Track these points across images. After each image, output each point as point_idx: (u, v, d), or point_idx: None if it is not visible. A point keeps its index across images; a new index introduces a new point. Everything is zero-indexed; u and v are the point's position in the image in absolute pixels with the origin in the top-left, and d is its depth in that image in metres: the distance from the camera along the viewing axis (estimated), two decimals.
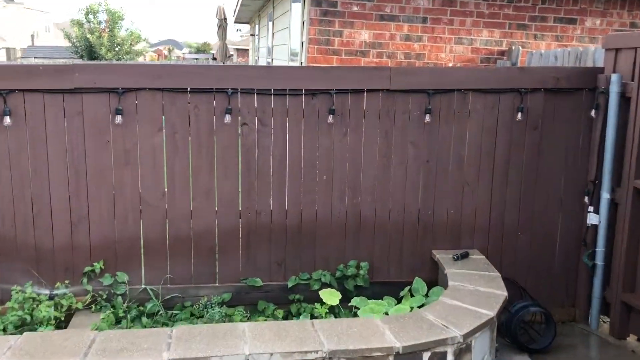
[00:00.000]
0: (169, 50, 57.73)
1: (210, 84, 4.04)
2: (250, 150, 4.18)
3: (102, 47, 26.66)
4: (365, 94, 4.23)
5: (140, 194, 4.12)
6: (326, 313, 4.09)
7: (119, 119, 3.96)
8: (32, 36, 38.25)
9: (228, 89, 4.05)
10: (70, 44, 27.61)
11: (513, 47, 7.47)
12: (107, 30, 27.21)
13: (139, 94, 4.00)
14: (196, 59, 37.97)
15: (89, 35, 26.59)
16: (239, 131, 4.14)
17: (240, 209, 4.25)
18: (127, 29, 28.27)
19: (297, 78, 4.14)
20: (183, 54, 60.33)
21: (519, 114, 4.35)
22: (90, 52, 26.65)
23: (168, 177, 4.13)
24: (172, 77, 4.00)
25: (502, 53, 7.62)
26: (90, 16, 27.11)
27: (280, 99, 4.14)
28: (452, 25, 7.46)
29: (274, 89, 4.12)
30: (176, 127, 4.07)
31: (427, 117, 4.27)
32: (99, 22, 27.35)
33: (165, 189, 4.15)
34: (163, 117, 4.05)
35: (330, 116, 4.17)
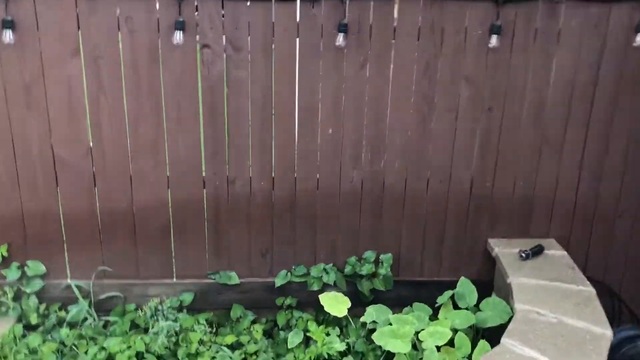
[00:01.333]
0: None
1: None
2: (216, 88, 2.73)
3: None
4: (396, 0, 2.68)
5: (53, 150, 2.76)
6: (327, 334, 2.77)
7: (8, 35, 2.53)
8: None
9: None
10: None
11: None
12: None
13: None
14: None
15: None
16: (198, 58, 2.68)
17: (204, 174, 2.87)
18: None
19: None
20: None
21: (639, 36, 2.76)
22: None
23: (93, 126, 2.74)
24: None
25: None
26: None
27: (262, 6, 2.63)
28: None
29: None
30: (100, 49, 2.62)
31: (494, 40, 2.73)
32: None
33: (90, 144, 2.77)
34: (79, 34, 2.61)
35: (341, 35, 2.66)
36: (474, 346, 2.64)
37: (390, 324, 2.74)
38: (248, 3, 2.61)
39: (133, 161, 2.79)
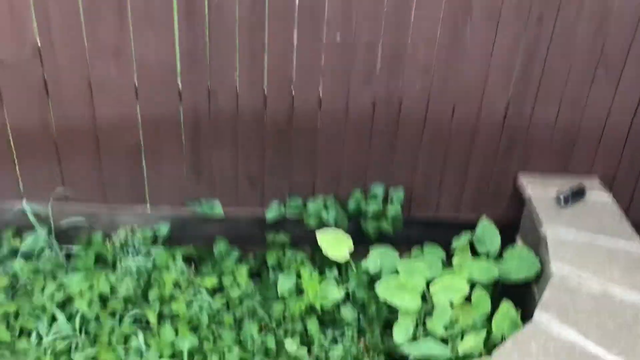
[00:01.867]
0: None
1: None
2: None
3: None
4: None
5: None
6: (324, 278, 2.37)
7: None
8: None
9: None
10: None
11: None
12: None
13: None
14: None
15: None
16: None
17: (179, 86, 2.34)
18: None
19: None
20: None
21: None
22: None
23: (40, 22, 2.17)
24: None
25: None
26: None
27: None
28: None
29: None
30: None
31: None
32: None
33: (38, 42, 2.21)
34: None
35: None
36: (493, 302, 2.27)
37: (397, 272, 2.35)
38: None
39: (92, 66, 2.25)
